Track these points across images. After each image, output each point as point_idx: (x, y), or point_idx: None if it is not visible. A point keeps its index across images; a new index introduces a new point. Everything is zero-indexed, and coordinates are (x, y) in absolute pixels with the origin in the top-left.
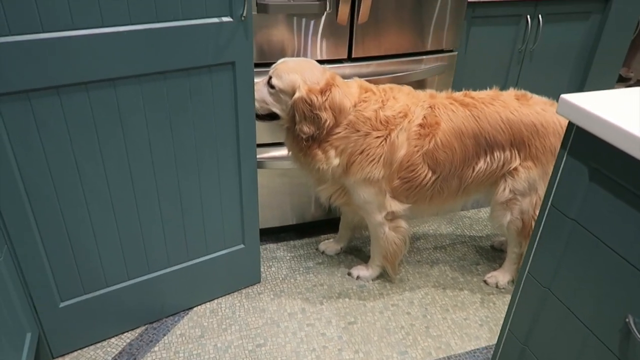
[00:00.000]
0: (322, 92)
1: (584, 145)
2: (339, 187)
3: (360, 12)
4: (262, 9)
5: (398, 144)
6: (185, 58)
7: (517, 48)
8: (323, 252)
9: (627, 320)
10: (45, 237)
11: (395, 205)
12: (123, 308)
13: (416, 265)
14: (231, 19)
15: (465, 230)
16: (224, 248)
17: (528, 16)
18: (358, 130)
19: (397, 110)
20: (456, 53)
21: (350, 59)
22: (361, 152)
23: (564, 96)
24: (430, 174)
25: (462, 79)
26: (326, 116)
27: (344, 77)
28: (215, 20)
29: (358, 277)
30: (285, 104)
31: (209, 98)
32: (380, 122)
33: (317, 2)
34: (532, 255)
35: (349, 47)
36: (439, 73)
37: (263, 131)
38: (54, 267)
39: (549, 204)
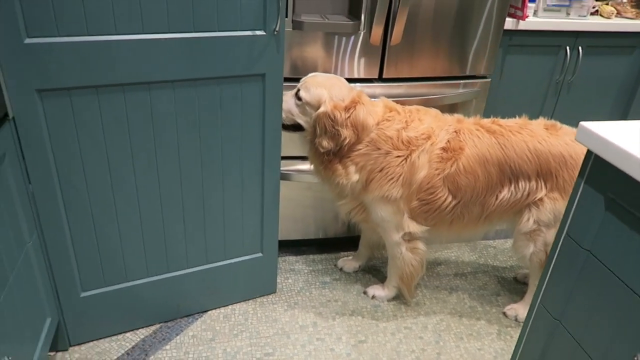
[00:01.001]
0: (347, 109)
1: (601, 175)
2: (359, 204)
3: (394, 34)
4: (297, 25)
5: (419, 165)
6: (217, 67)
7: (554, 79)
8: (341, 269)
9: (635, 358)
10: (73, 227)
11: (412, 226)
12: (140, 304)
13: (434, 290)
14: (264, 33)
15: (489, 260)
16: (242, 255)
17: (567, 47)
18: (379, 149)
19: (420, 132)
20: (489, 80)
21: (381, 79)
22: (380, 170)
23: (583, 123)
24: (450, 198)
25: (496, 106)
26: (346, 133)
27: (374, 96)
28: (249, 33)
29: (373, 297)
30: (310, 117)
31: (237, 107)
32: (402, 142)
33: (351, 22)
34: (545, 285)
35: (380, 67)
36: (470, 99)
37: (291, 144)
38: (79, 257)
39: (564, 233)
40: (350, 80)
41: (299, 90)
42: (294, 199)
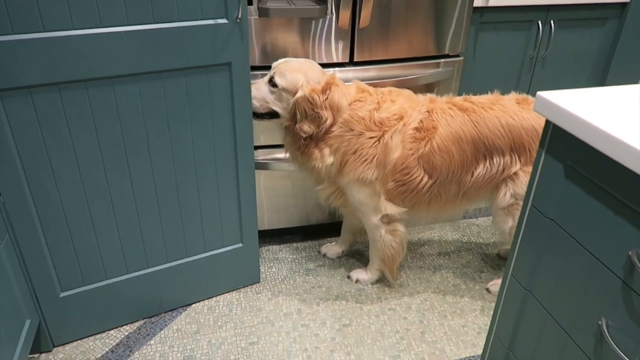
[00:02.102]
0: (323, 91)
1: (560, 144)
2: (336, 188)
3: (362, 17)
4: (264, 12)
5: (392, 146)
6: (181, 58)
7: (528, 54)
8: (324, 255)
9: (600, 322)
10: (46, 228)
11: (390, 208)
12: (122, 301)
13: (418, 270)
14: (227, 21)
15: (472, 238)
16: (222, 246)
17: (539, 22)
18: (352, 130)
19: (392, 113)
20: (462, 58)
21: (352, 62)
22: (354, 152)
23: (540, 93)
24: (426, 178)
25: (472, 84)
26: (326, 115)
27: (346, 81)
28: (211, 22)
29: (357, 281)
30: (287, 102)
31: (205, 98)
32: (374, 123)
33: (318, 7)
34: (514, 257)
35: (350, 51)
36: (444, 78)
37: (267, 132)
38: (55, 257)
39: (529, 203)
40: (321, 66)
41: (273, 77)
42: (273, 188)
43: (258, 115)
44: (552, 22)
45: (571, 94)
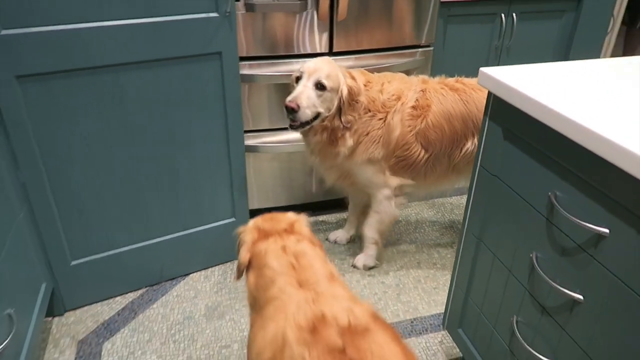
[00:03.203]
0: (353, 78)
1: (499, 110)
2: (344, 170)
3: (339, 10)
4: (250, 7)
5: (393, 125)
6: (177, 48)
7: (493, 44)
8: (335, 242)
9: (531, 255)
10: (58, 201)
11: (395, 181)
12: (126, 270)
13: (395, 243)
14: (217, 15)
15: (446, 214)
16: (216, 220)
17: (502, 15)
18: (369, 111)
19: (391, 94)
20: (432, 48)
21: (331, 52)
22: (367, 134)
23: (482, 69)
24: (423, 152)
25: (442, 73)
26: (362, 100)
27: None
28: (203, 15)
29: (364, 267)
30: (330, 101)
31: (199, 83)
32: (382, 104)
33: (299, 1)
34: (468, 212)
35: (330, 42)
36: (415, 67)
37: (258, 118)
38: (66, 228)
39: (479, 164)
40: (303, 56)
41: (320, 81)
42: (261, 170)
43: (303, 125)
44: (514, 14)
45: (507, 69)
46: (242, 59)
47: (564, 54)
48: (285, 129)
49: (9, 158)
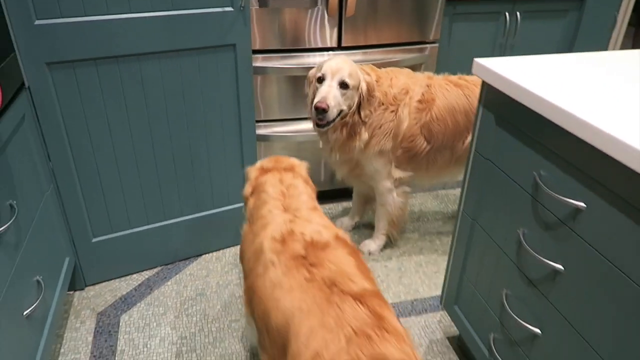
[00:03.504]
0: (369, 75)
1: (492, 98)
2: (355, 163)
3: (348, 6)
4: (263, 3)
5: (402, 118)
6: (194, 40)
7: (498, 42)
8: (340, 228)
9: (518, 232)
10: (82, 181)
11: (399, 173)
12: (144, 249)
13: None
14: (232, 9)
15: (449, 205)
16: (228, 204)
17: (507, 13)
18: (382, 104)
19: (400, 88)
20: (437, 45)
21: (340, 47)
22: (380, 127)
23: (476, 60)
24: (425, 144)
25: (448, 69)
26: (377, 94)
27: None
28: (219, 9)
29: (369, 253)
30: (352, 99)
31: (214, 73)
32: (393, 98)
33: None
34: (464, 194)
35: (338, 37)
36: (421, 62)
37: (269, 109)
38: (89, 206)
39: (474, 149)
40: (313, 50)
41: (344, 81)
42: None
43: (329, 123)
44: (518, 13)
45: (500, 60)
46: (255, 52)
47: (568, 51)
48: (295, 119)
49: (39, 139)
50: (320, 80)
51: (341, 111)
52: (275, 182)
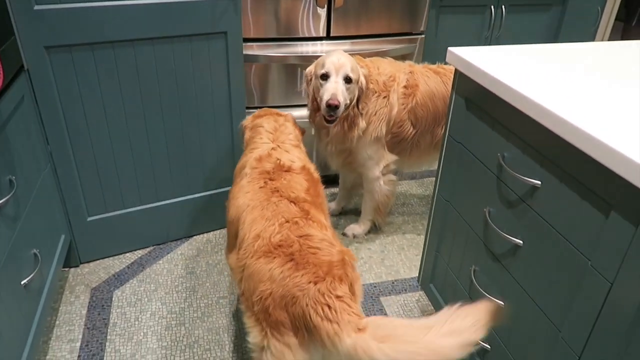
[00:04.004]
0: (364, 68)
1: (462, 84)
2: (348, 152)
3: None
4: None
5: (393, 103)
6: (187, 27)
7: (483, 34)
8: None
9: (485, 210)
10: (78, 161)
11: (389, 157)
12: (136, 229)
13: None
14: None
15: None
16: (219, 187)
17: (492, 6)
18: (375, 92)
19: (387, 75)
20: (423, 36)
21: (329, 37)
22: (375, 114)
23: (450, 49)
24: (412, 129)
25: (434, 60)
26: (371, 85)
27: (324, 53)
28: None
29: (354, 236)
30: (353, 92)
31: (206, 60)
32: (383, 85)
33: None
34: (439, 177)
35: (327, 27)
36: (408, 52)
37: (264, 95)
38: (84, 186)
39: (447, 133)
40: (301, 39)
41: (348, 76)
42: None
43: (337, 118)
44: (503, 6)
45: (472, 49)
46: (248, 40)
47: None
48: (287, 106)
49: (37, 119)
50: (325, 77)
51: (346, 105)
52: (270, 120)
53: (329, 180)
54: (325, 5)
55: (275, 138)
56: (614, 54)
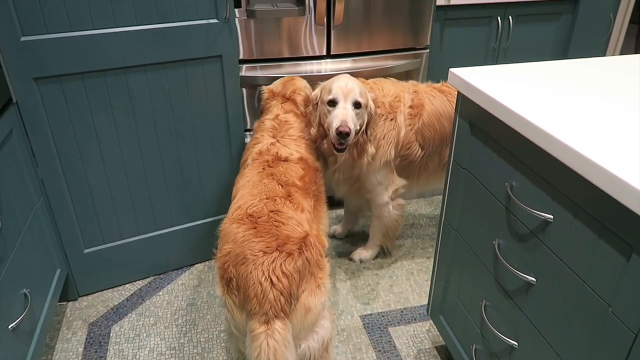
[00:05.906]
0: (371, 91)
1: (466, 108)
2: (356, 178)
3: (335, 15)
4: (251, 14)
5: (400, 125)
6: (180, 52)
7: (490, 46)
8: (333, 236)
9: (494, 243)
10: (72, 193)
11: (398, 181)
12: (135, 259)
13: None
14: (217, 21)
15: None
16: (219, 214)
17: (499, 17)
18: (382, 115)
19: (393, 96)
20: (428, 51)
21: (329, 55)
22: (383, 137)
23: (452, 70)
24: (420, 151)
25: (440, 74)
26: (379, 109)
27: (325, 71)
28: (204, 21)
29: (361, 261)
30: (362, 118)
31: (201, 85)
32: (390, 107)
33: (297, 7)
34: (445, 204)
35: (327, 45)
36: (412, 68)
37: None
38: (80, 218)
39: (452, 159)
40: (302, 59)
41: (357, 101)
42: None
43: (347, 146)
44: (510, 17)
45: (476, 70)
46: (244, 61)
47: (562, 55)
48: None
49: (28, 152)
50: (332, 103)
51: (356, 131)
52: (272, 117)
53: (334, 202)
54: (325, 23)
55: (275, 135)
56: (630, 71)
